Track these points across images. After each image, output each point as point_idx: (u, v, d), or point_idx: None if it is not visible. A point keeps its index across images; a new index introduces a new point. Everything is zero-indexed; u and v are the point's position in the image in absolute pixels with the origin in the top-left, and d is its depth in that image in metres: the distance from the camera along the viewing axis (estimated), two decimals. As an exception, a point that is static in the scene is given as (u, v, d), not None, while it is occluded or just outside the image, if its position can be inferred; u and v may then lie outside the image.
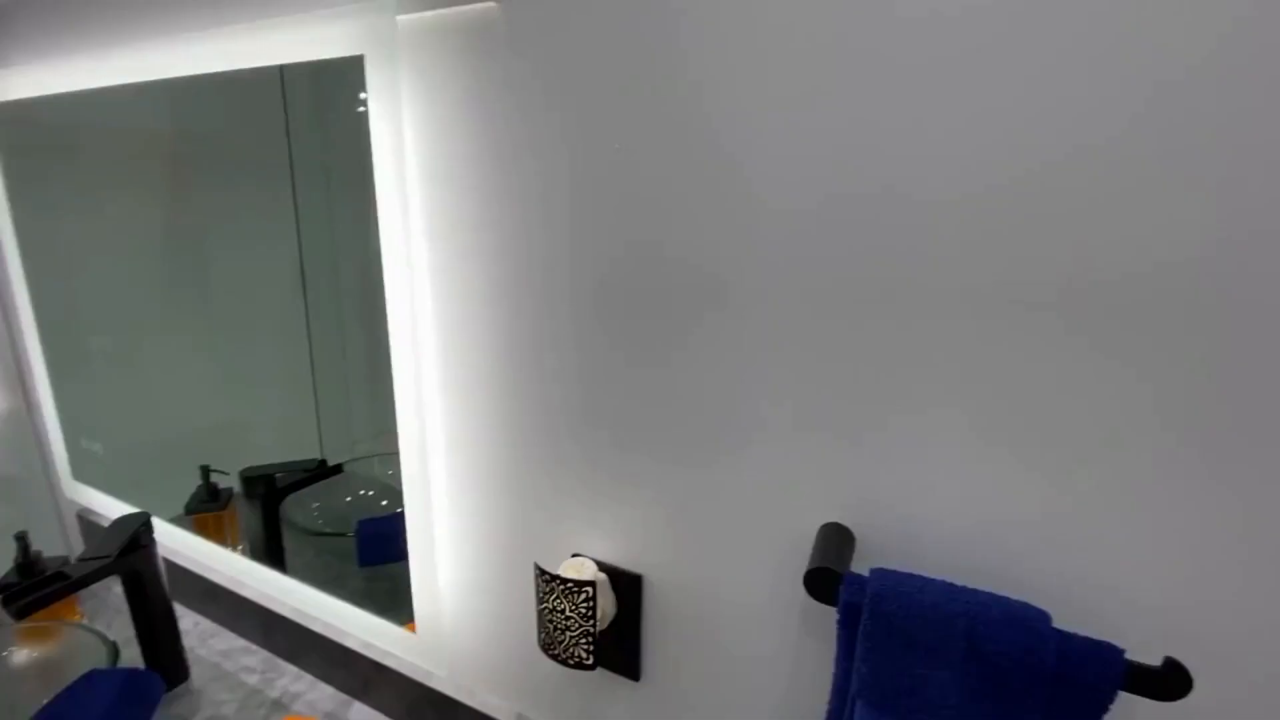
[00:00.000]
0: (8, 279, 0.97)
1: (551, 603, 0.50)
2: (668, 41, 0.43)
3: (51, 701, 0.64)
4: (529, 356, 0.55)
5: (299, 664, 0.83)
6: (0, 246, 0.95)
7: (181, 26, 0.67)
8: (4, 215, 0.91)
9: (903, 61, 0.37)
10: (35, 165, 0.91)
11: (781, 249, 0.43)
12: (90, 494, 1.00)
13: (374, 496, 0.88)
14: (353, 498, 0.89)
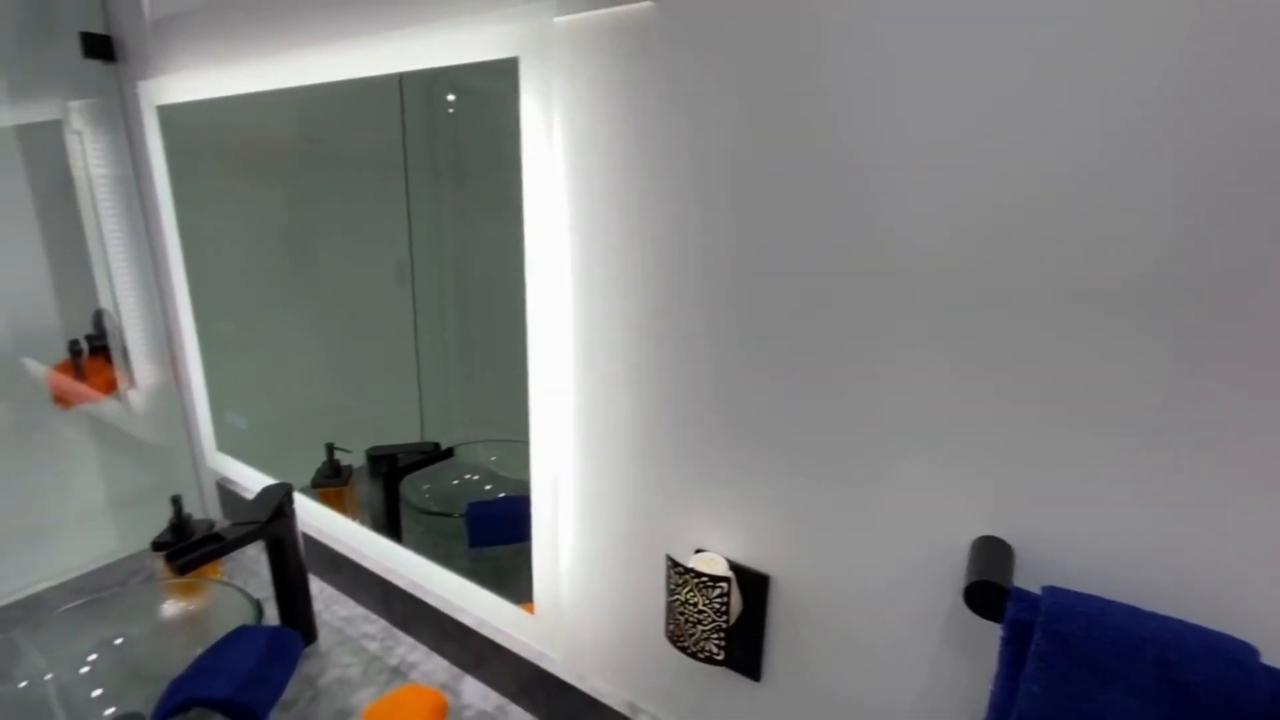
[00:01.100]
0: (168, 266, 1.07)
1: (684, 595, 0.51)
2: (823, 49, 0.42)
3: (209, 650, 0.70)
4: (666, 352, 0.56)
5: (414, 635, 0.88)
6: (164, 235, 1.05)
7: (339, 35, 0.72)
8: (168, 207, 1.01)
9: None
10: (192, 162, 1.00)
11: (935, 258, 0.41)
12: (230, 464, 1.10)
13: (478, 481, 0.91)
14: (459, 481, 0.93)
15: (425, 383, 0.95)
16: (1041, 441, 0.41)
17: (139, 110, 1.03)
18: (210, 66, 0.89)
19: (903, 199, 0.42)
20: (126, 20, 1.02)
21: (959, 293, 0.41)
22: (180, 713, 0.64)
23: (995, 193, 0.39)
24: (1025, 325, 0.40)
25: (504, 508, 0.85)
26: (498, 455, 0.88)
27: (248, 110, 0.91)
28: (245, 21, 0.83)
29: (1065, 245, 0.38)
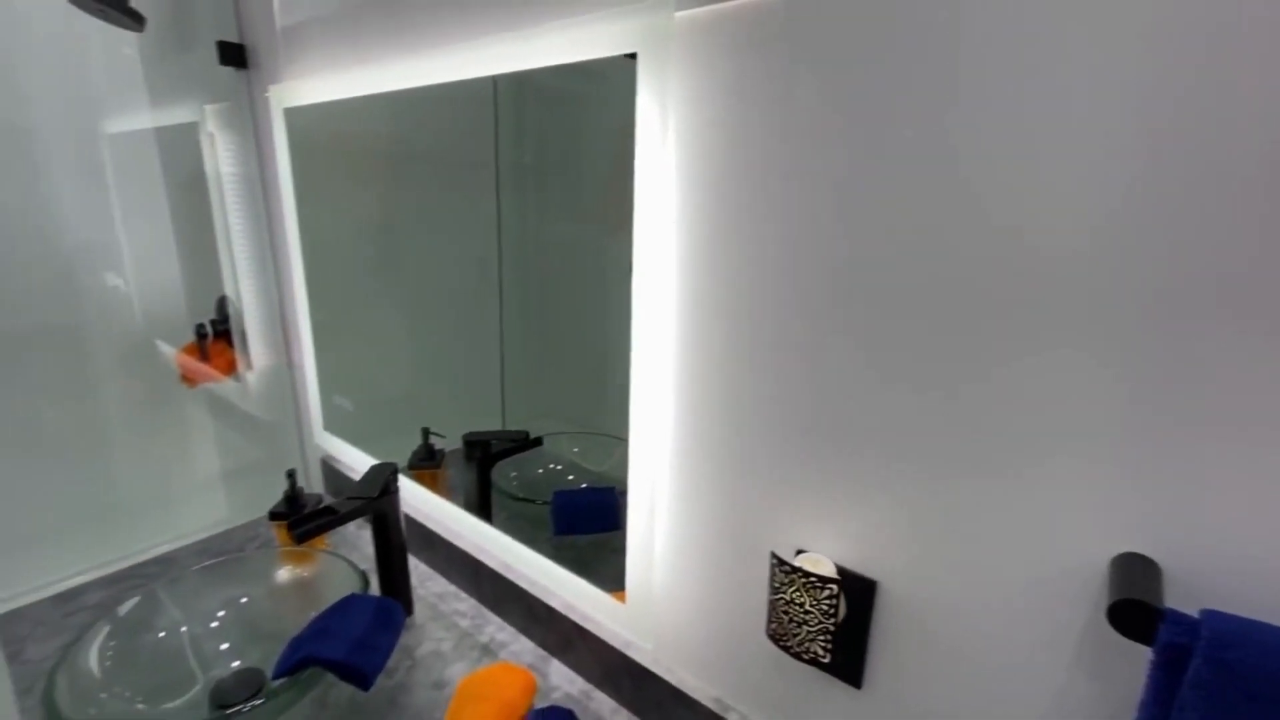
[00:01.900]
0: (287, 257, 1.16)
1: (789, 595, 0.50)
2: (959, 43, 0.40)
3: (322, 614, 0.75)
4: (773, 350, 0.55)
5: (502, 615, 0.91)
6: (284, 228, 1.13)
7: (459, 37, 0.75)
8: (290, 202, 1.09)
9: None
10: (306, 161, 1.07)
11: (1084, 251, 0.39)
12: (335, 443, 1.17)
13: (561, 471, 0.93)
14: (543, 470, 0.95)
15: (507, 374, 0.99)
16: (1199, 450, 0.37)
17: (267, 112, 1.12)
18: (334, 70, 0.95)
19: (1039, 192, 0.40)
20: (258, 29, 1.10)
21: (1112, 286, 0.39)
22: (299, 670, 0.68)
23: (1146, 182, 0.36)
24: (1186, 323, 0.37)
25: (589, 498, 0.87)
26: (580, 447, 0.91)
27: (355, 113, 0.97)
28: (369, 27, 0.89)
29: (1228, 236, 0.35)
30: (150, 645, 0.76)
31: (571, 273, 0.85)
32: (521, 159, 0.86)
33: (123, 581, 0.99)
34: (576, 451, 0.91)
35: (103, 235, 1.61)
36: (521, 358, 0.94)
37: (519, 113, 0.82)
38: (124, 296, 1.66)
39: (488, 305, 0.93)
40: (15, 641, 0.86)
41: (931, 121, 0.43)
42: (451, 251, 0.96)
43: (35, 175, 1.51)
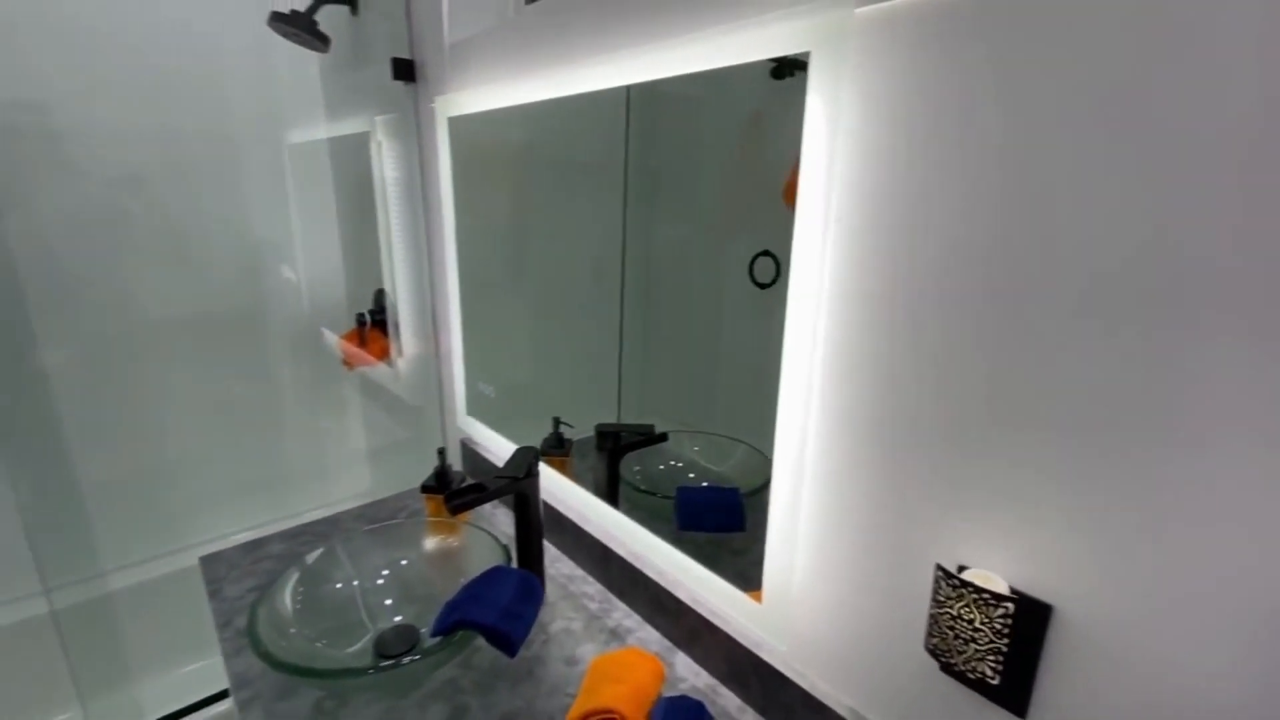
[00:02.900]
0: (442, 254, 1.26)
1: (956, 609, 0.48)
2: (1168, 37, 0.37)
3: (472, 581, 0.81)
4: (936, 352, 0.53)
5: (628, 603, 0.93)
6: (441, 227, 1.23)
7: (622, 46, 0.78)
8: (449, 204, 1.18)
9: None
10: (464, 165, 1.16)
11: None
12: (476, 426, 1.26)
13: (681, 468, 0.95)
14: (664, 466, 0.97)
15: (624, 371, 1.02)
16: None
17: (430, 122, 1.22)
18: (495, 81, 1.02)
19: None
20: (427, 46, 1.21)
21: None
22: (454, 631, 0.74)
23: None
24: None
25: (712, 496, 0.88)
26: (700, 446, 0.91)
27: (502, 121, 1.04)
28: (535, 39, 0.95)
29: None
30: (329, 594, 0.86)
31: (688, 274, 0.87)
32: (648, 162, 0.89)
33: (298, 537, 1.12)
34: (697, 450, 0.92)
35: (281, 233, 1.84)
36: (637, 356, 0.97)
37: (648, 117, 0.85)
38: (295, 288, 1.89)
39: (609, 304, 0.97)
40: (215, 581, 1.00)
41: (1143, 125, 0.40)
42: (579, 251, 1.02)
43: (235, 180, 1.76)
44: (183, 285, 1.68)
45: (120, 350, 1.59)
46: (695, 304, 0.86)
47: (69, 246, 1.49)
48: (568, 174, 1.01)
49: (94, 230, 1.52)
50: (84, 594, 1.18)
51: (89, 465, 1.31)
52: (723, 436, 0.86)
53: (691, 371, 0.89)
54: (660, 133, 0.85)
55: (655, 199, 0.88)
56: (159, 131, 1.58)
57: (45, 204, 1.46)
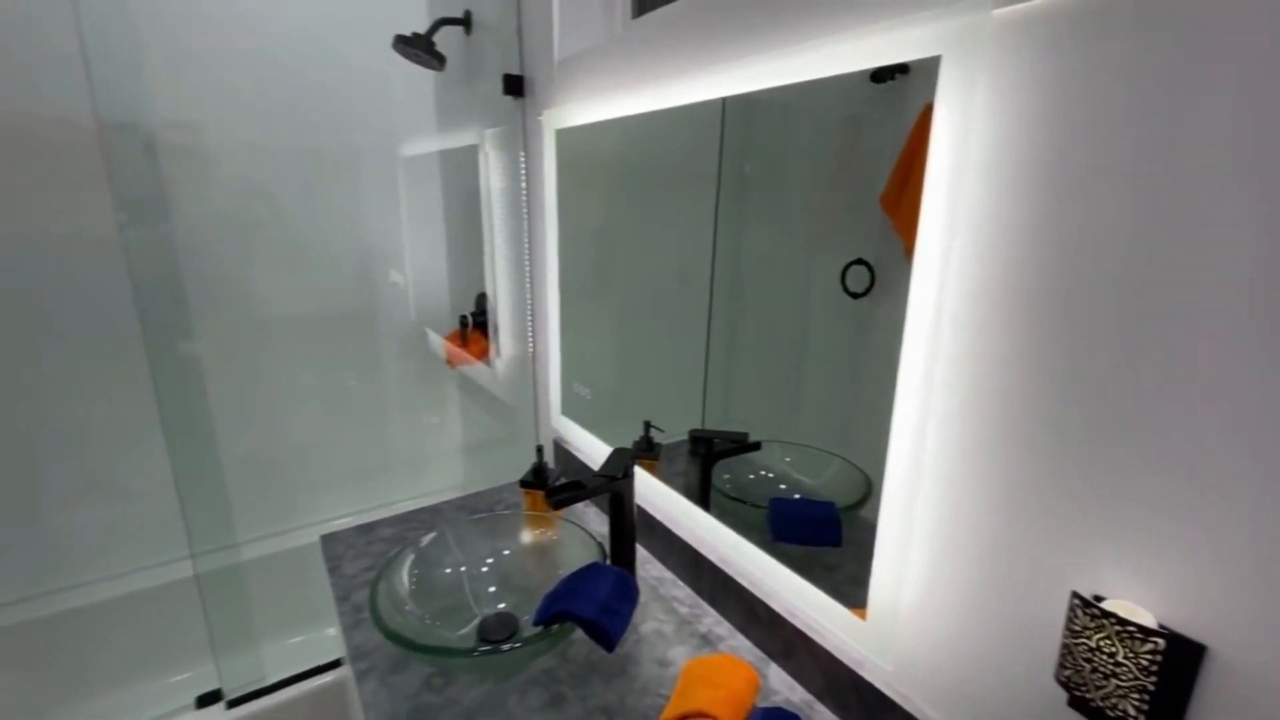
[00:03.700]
0: (544, 260, 1.31)
1: (1095, 641, 0.45)
2: None
3: (571, 576, 0.84)
4: (1068, 357, 0.50)
5: (719, 610, 0.93)
6: (544, 234, 1.29)
7: (738, 55, 0.79)
8: (552, 212, 1.23)
9: None
10: (567, 175, 1.20)
11: None
12: (569, 426, 1.30)
13: (772, 479, 0.93)
14: (754, 476, 0.96)
15: (710, 377, 1.02)
16: None
17: (538, 134, 1.28)
18: (602, 95, 1.06)
19: None
20: (537, 62, 1.27)
21: None
22: (555, 622, 0.77)
23: None
24: None
25: (807, 509, 0.86)
26: (792, 458, 0.90)
27: (602, 132, 1.08)
28: (638, 54, 0.98)
29: None
30: (440, 577, 0.91)
31: (777, 282, 0.86)
32: (740, 168, 0.89)
33: (406, 522, 1.19)
34: (789, 461, 0.91)
35: (392, 240, 1.98)
36: (723, 363, 0.97)
37: (742, 123, 0.85)
38: (402, 291, 2.02)
39: (697, 311, 0.98)
40: (334, 559, 1.09)
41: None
42: (669, 258, 1.04)
43: (355, 192, 1.91)
44: (305, 287, 1.84)
45: (251, 344, 1.76)
46: (783, 312, 0.85)
47: (212, 249, 1.67)
48: (660, 181, 1.03)
49: (232, 235, 1.70)
50: (221, 561, 1.32)
51: (228, 445, 1.46)
52: (817, 449, 0.85)
53: (777, 381, 0.89)
54: (753, 139, 0.86)
55: (746, 206, 0.89)
56: (292, 148, 1.75)
57: (195, 211, 1.64)
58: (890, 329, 0.70)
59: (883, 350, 0.71)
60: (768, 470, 0.94)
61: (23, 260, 1.46)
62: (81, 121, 1.44)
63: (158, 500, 1.66)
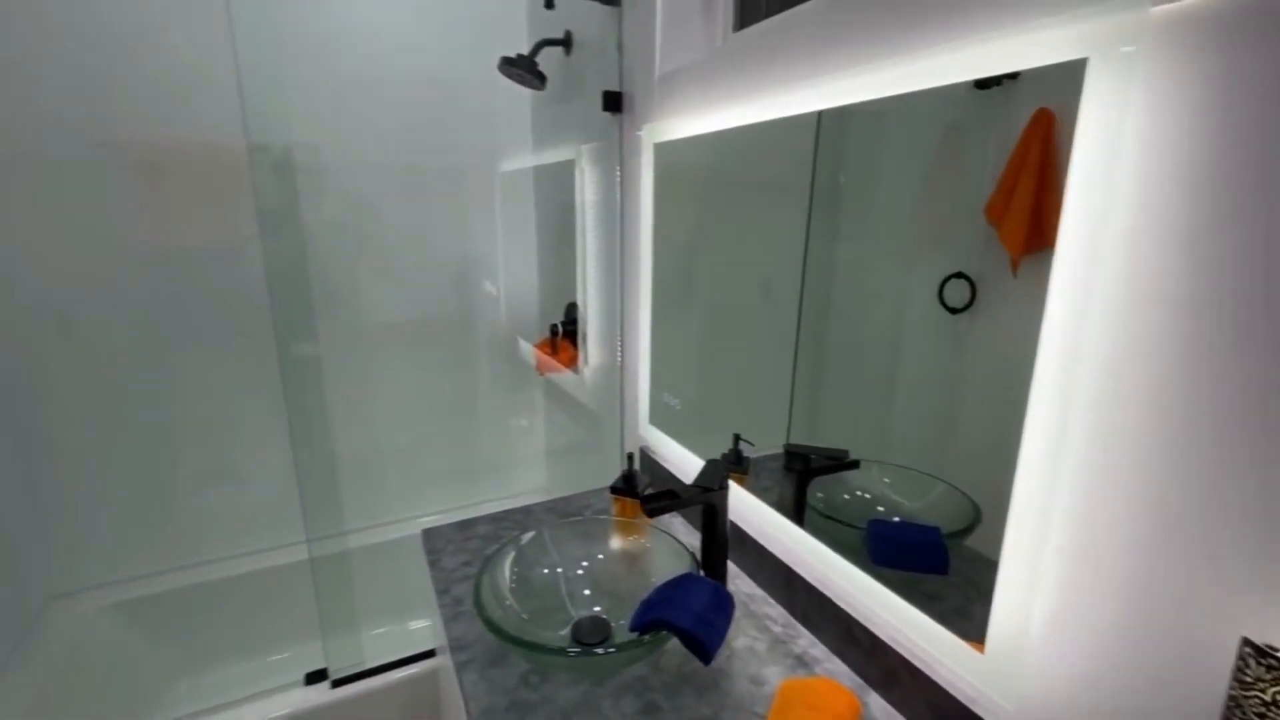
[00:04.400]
0: (637, 271, 1.33)
1: (1270, 695, 0.41)
2: None
3: (666, 584, 0.84)
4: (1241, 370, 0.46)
5: (814, 631, 0.91)
6: (638, 246, 1.31)
7: (855, 62, 0.78)
8: (648, 225, 1.26)
9: None
10: (663, 188, 1.22)
11: None
12: (657, 435, 1.31)
13: (869, 500, 0.90)
14: (849, 496, 0.93)
15: (797, 393, 1.00)
16: None
17: (635, 149, 1.31)
18: (703, 109, 1.07)
19: None
20: (636, 78, 1.30)
21: None
22: (651, 629, 0.78)
23: None
24: None
25: (910, 534, 0.83)
26: (890, 479, 0.87)
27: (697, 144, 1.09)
28: (739, 67, 0.98)
29: None
30: (538, 576, 0.94)
31: (870, 296, 0.84)
32: (834, 178, 0.87)
33: (500, 521, 1.24)
34: (887, 482, 0.87)
35: (487, 251, 2.07)
36: (810, 377, 0.96)
37: (837, 132, 0.84)
38: (495, 300, 2.11)
39: (786, 323, 0.96)
40: (434, 552, 1.14)
41: None
42: (759, 270, 1.03)
43: (456, 206, 2.01)
44: (407, 295, 1.96)
45: (356, 347, 1.89)
46: (875, 327, 0.83)
47: (324, 260, 1.81)
48: (750, 192, 1.03)
49: (342, 247, 1.84)
50: (331, 548, 1.41)
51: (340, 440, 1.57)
52: (918, 472, 0.81)
53: (866, 398, 0.86)
54: (848, 148, 0.84)
55: (839, 217, 0.87)
56: (399, 165, 1.87)
57: (313, 224, 1.79)
58: (994, 345, 0.66)
59: (986, 368, 0.67)
60: (863, 490, 0.91)
61: (172, 268, 1.64)
62: (229, 143, 1.61)
63: (270, 489, 1.80)
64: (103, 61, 1.50)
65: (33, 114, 1.45)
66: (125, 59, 1.51)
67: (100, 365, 1.61)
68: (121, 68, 1.51)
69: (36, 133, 1.46)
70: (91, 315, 1.59)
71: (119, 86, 1.52)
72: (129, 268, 1.60)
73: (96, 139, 1.52)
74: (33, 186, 1.48)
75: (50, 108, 1.46)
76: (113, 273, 1.59)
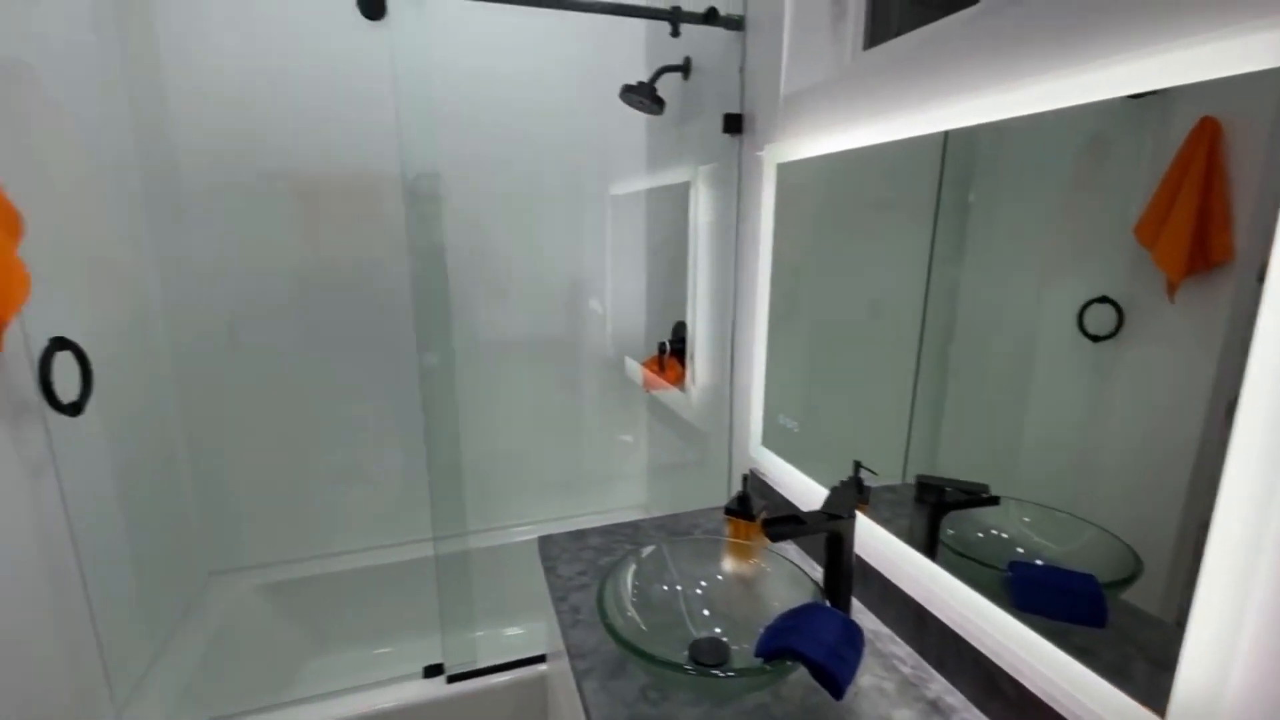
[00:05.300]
0: (754, 289, 1.33)
1: None
2: None
3: (791, 612, 0.82)
4: None
5: (948, 677, 0.85)
6: (756, 266, 1.31)
7: (987, 83, 0.75)
8: (767, 245, 1.25)
9: None
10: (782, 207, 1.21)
11: None
12: (769, 458, 1.29)
13: (1006, 540, 0.83)
14: (984, 534, 0.87)
15: (916, 421, 0.94)
16: None
17: (754, 169, 1.31)
18: (830, 129, 1.05)
19: None
20: (758, 99, 1.31)
21: None
22: (779, 657, 0.76)
23: None
24: None
25: (1063, 580, 0.76)
26: (1031, 518, 0.80)
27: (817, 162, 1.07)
28: (871, 87, 0.96)
29: None
30: (657, 591, 0.95)
31: (998, 320, 0.79)
32: (961, 197, 0.83)
33: (611, 534, 1.26)
34: (1027, 522, 0.81)
35: (596, 272, 2.14)
36: (931, 406, 0.91)
37: (965, 147, 0.80)
38: (600, 318, 2.17)
39: (906, 348, 0.92)
40: (550, 559, 1.18)
41: None
42: (878, 292, 1.00)
43: (570, 228, 2.10)
44: (520, 311, 2.06)
45: (474, 360, 2.00)
46: (1005, 354, 0.78)
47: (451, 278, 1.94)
48: (870, 211, 1.00)
49: (462, 267, 1.96)
50: (453, 547, 1.49)
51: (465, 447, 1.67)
52: (1066, 513, 0.75)
53: (992, 429, 0.81)
54: (978, 165, 0.80)
55: (966, 237, 0.83)
56: (518, 191, 1.98)
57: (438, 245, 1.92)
58: (1146, 378, 0.61)
59: (1137, 403, 0.62)
60: (999, 530, 0.85)
61: (321, 283, 1.82)
62: (376, 171, 1.78)
63: (393, 489, 1.94)
64: (270, 100, 1.70)
65: (210, 149, 1.67)
66: (290, 96, 1.72)
67: (259, 369, 1.81)
68: (287, 106, 1.72)
69: (213, 165, 1.68)
70: (253, 325, 1.79)
71: (283, 123, 1.72)
72: (285, 283, 1.80)
73: (262, 169, 1.72)
74: (210, 212, 1.70)
75: (225, 144, 1.68)
76: (272, 287, 1.79)
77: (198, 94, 1.64)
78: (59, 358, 1.12)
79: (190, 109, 1.64)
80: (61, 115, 1.30)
